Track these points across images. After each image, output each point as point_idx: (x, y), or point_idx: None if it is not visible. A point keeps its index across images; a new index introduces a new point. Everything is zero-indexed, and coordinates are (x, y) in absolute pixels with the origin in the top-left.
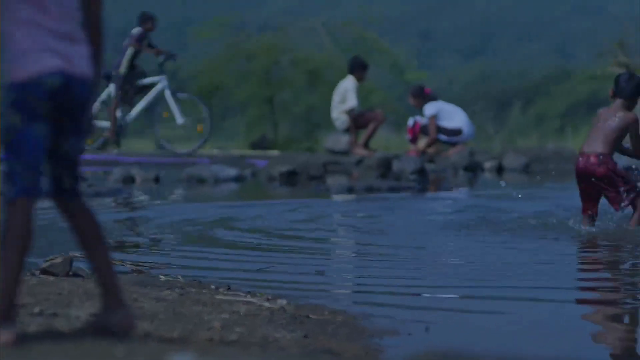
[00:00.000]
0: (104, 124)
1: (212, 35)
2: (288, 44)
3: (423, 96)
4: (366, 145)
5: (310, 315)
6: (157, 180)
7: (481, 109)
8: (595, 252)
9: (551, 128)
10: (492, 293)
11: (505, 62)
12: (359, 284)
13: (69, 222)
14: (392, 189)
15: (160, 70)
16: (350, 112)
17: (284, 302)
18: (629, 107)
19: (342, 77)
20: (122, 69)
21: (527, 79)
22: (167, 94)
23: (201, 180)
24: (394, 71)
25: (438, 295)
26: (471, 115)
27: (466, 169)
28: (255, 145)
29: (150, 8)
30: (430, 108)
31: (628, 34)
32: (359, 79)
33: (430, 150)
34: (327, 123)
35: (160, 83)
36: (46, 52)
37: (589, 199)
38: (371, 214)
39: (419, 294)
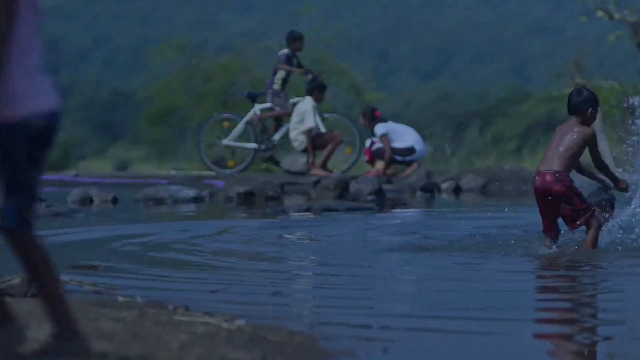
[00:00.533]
0: (248, 145)
1: (170, 56)
2: (245, 65)
3: (372, 117)
4: (324, 166)
5: (268, 336)
6: (115, 201)
7: (439, 130)
8: (552, 276)
9: (509, 149)
10: (449, 315)
11: (463, 83)
12: (317, 305)
13: (18, 255)
14: (349, 210)
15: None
16: (308, 133)
17: (242, 322)
18: (585, 122)
19: (300, 97)
20: (276, 87)
21: (485, 100)
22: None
23: (159, 201)
24: (352, 92)
25: (395, 317)
26: (428, 136)
27: (423, 189)
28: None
29: (109, 27)
30: (380, 128)
31: (585, 55)
32: (318, 99)
33: (388, 171)
34: (285, 144)
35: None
36: (33, 92)
37: (548, 217)
38: (328, 234)
39: (376, 315)
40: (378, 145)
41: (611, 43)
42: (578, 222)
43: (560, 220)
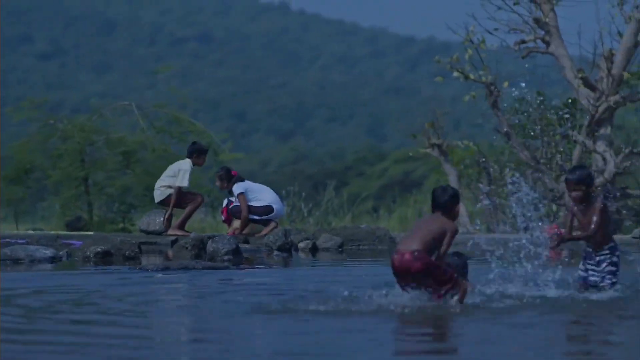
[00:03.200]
0: None
1: (28, 115)
2: (102, 125)
3: (230, 178)
4: (182, 226)
5: None
6: None
7: (295, 190)
8: (413, 332)
9: (365, 208)
10: None
11: (319, 143)
12: None
13: None
14: (206, 269)
15: None
16: (178, 191)
17: None
18: (450, 217)
19: (157, 158)
20: None
21: (341, 160)
22: None
23: (17, 261)
24: (209, 153)
25: None
26: (285, 195)
27: (280, 249)
28: (70, 226)
29: None
30: (238, 187)
31: (440, 115)
32: (196, 163)
33: (245, 230)
34: (142, 203)
35: (185, 164)
36: None
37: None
38: (182, 293)
39: None
40: (236, 204)
41: (466, 103)
42: (443, 292)
43: None
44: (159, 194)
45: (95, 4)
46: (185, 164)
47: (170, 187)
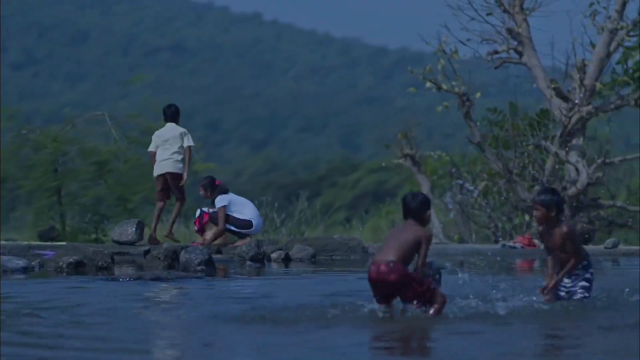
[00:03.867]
0: None
1: (1, 125)
2: (75, 135)
3: (213, 188)
4: (171, 230)
5: None
6: None
7: (268, 200)
8: (389, 345)
9: (338, 218)
10: None
11: (292, 153)
12: None
13: None
14: (179, 279)
15: None
16: (189, 151)
17: None
18: (422, 224)
19: (130, 168)
20: None
21: (314, 170)
22: None
23: None
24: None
25: None
26: (258, 205)
27: (253, 259)
28: (43, 236)
29: None
30: (221, 200)
31: (413, 125)
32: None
33: (217, 241)
34: (115, 214)
35: (179, 128)
36: None
37: (385, 301)
38: (160, 304)
39: None
40: (215, 210)
41: (439, 113)
42: (420, 303)
43: None
44: (174, 165)
45: (68, 13)
46: (179, 128)
47: (179, 153)
